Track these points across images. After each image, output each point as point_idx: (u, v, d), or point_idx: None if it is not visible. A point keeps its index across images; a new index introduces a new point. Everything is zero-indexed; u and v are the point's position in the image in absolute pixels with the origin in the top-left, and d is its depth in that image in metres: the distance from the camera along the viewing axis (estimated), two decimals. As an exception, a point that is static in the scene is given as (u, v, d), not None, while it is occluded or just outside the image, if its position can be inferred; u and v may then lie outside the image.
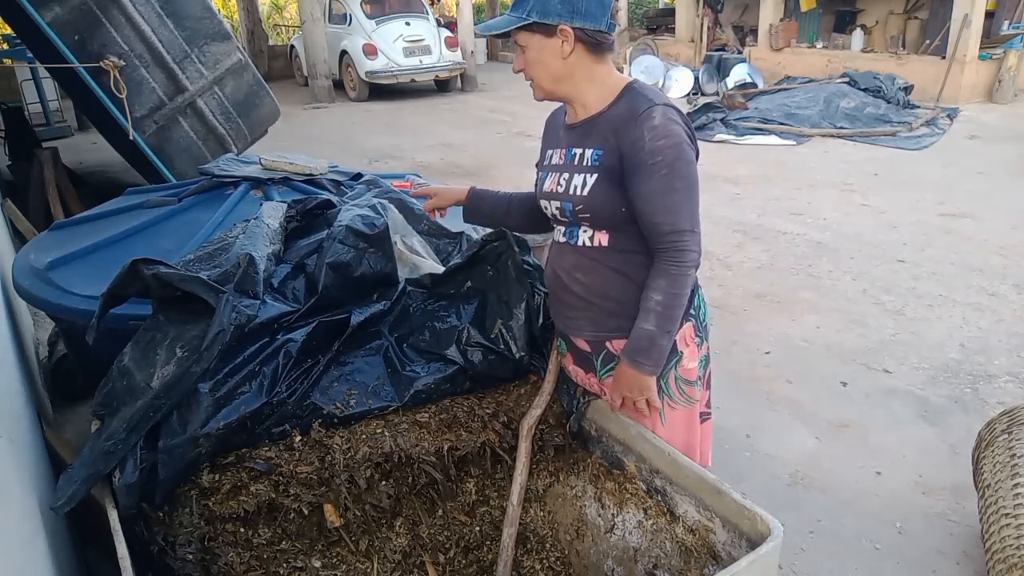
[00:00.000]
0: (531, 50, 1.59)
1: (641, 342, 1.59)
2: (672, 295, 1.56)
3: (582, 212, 1.62)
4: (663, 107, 1.53)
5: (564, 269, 1.72)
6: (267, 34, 17.05)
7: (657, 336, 1.58)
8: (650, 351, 1.59)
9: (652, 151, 1.50)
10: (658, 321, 1.57)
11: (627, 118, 1.55)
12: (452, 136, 9.29)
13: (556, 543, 1.91)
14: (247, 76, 5.03)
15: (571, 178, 1.63)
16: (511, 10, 1.60)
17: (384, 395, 1.78)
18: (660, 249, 1.56)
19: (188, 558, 1.49)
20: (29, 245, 2.73)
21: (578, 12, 1.53)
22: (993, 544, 2.09)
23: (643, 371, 1.61)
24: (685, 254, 1.55)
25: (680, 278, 1.56)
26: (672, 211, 1.53)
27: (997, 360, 3.61)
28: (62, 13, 4.05)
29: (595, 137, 1.61)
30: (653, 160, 1.51)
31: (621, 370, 1.66)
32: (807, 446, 3.00)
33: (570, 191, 1.63)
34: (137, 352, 1.63)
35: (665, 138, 1.51)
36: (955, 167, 7.16)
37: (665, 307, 1.56)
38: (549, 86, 1.63)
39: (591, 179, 1.59)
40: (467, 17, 13.45)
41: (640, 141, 1.52)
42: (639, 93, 1.59)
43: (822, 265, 4.86)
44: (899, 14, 11.91)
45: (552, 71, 1.59)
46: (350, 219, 1.94)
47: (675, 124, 1.53)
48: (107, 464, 1.48)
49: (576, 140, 1.66)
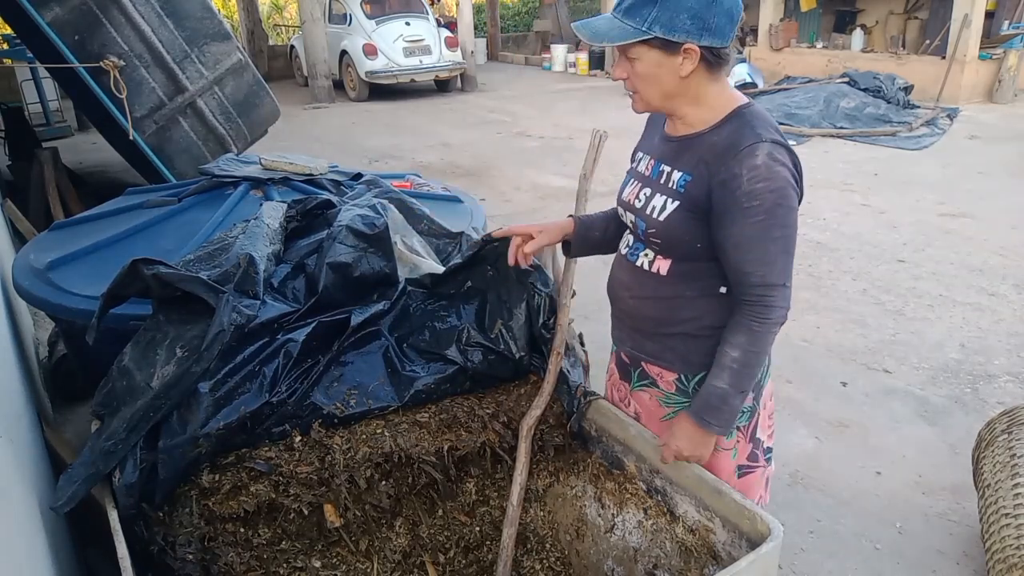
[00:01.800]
0: (644, 64, 1.40)
1: (711, 399, 1.47)
2: (752, 353, 1.43)
3: (653, 236, 1.51)
4: (771, 144, 1.38)
5: (618, 280, 1.67)
6: (267, 34, 17.05)
7: (730, 396, 1.46)
8: (720, 410, 1.47)
9: (750, 193, 1.36)
10: (732, 379, 1.44)
11: (727, 149, 1.39)
12: (452, 136, 9.29)
13: (556, 543, 1.91)
14: (247, 76, 5.02)
15: (652, 196, 1.51)
16: (623, 15, 1.38)
17: (384, 395, 1.78)
18: (744, 301, 1.43)
19: (188, 558, 1.49)
20: (29, 245, 2.73)
21: (708, 29, 1.35)
22: (993, 544, 2.09)
23: (709, 430, 1.49)
24: (772, 311, 1.41)
25: (763, 336, 1.43)
26: (765, 262, 1.39)
27: (997, 360, 3.61)
28: (62, 13, 4.05)
29: (688, 160, 1.46)
30: (749, 204, 1.36)
31: (682, 425, 1.52)
32: (807, 446, 3.00)
33: (647, 210, 1.51)
34: (137, 352, 1.63)
35: (767, 180, 1.35)
36: (955, 167, 7.16)
37: (742, 365, 1.43)
38: (658, 102, 1.46)
39: (671, 205, 1.46)
40: (467, 17, 13.45)
41: (737, 180, 1.36)
42: (747, 122, 1.42)
43: (822, 265, 4.86)
44: (899, 14, 11.92)
45: (665, 89, 1.43)
46: (350, 219, 1.94)
47: (781, 166, 1.38)
48: (107, 464, 1.48)
49: (669, 155, 1.52)
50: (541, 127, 9.71)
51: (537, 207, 6.29)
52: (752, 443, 1.66)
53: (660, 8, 1.34)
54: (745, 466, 1.67)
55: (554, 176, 7.26)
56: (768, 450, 1.72)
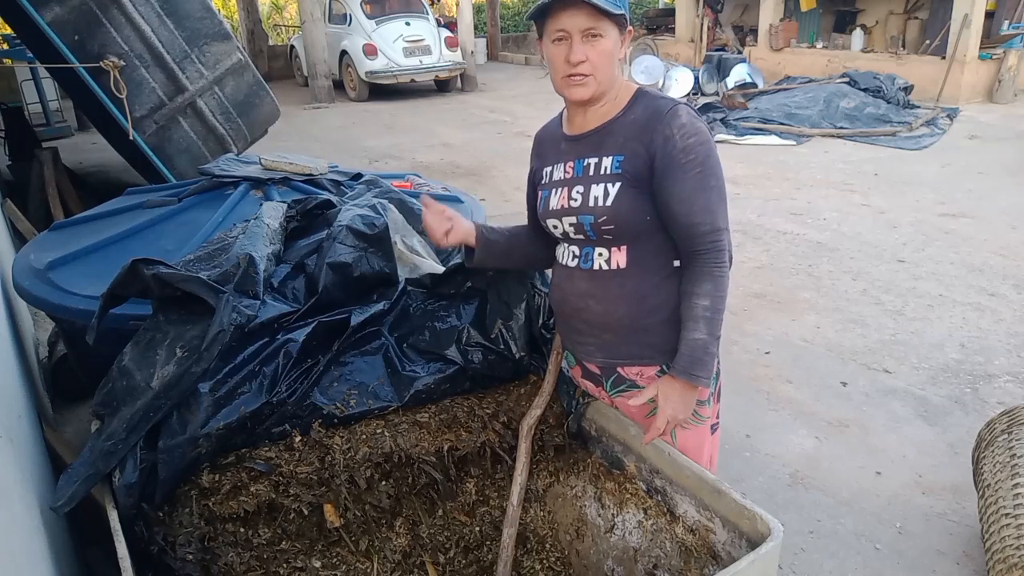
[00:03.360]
0: (609, 42, 1.47)
1: (696, 352, 1.50)
2: (718, 298, 1.50)
3: (606, 224, 1.53)
4: (684, 105, 1.50)
5: (576, 295, 1.64)
6: (267, 34, 17.05)
7: (709, 343, 1.50)
8: (704, 361, 1.50)
9: (685, 149, 1.46)
10: (708, 327, 1.49)
11: (651, 119, 1.49)
12: (452, 136, 9.29)
13: (556, 543, 1.91)
14: (247, 76, 5.02)
15: (587, 190, 1.54)
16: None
17: (384, 395, 1.78)
18: (699, 252, 1.50)
19: (188, 558, 1.49)
20: (29, 245, 2.73)
21: (627, 8, 1.49)
22: (993, 544, 2.09)
23: (700, 384, 1.52)
24: (723, 253, 1.50)
25: (722, 279, 1.50)
26: (709, 210, 1.48)
27: (997, 360, 3.61)
28: (62, 13, 4.05)
29: (612, 144, 1.53)
30: (687, 159, 1.46)
31: (672, 388, 1.53)
32: (807, 446, 3.00)
33: (589, 203, 1.53)
34: (137, 352, 1.63)
35: (695, 135, 1.46)
36: (955, 167, 7.16)
37: (714, 311, 1.49)
38: (606, 85, 1.52)
39: (613, 188, 1.51)
40: (467, 17, 13.45)
41: (672, 140, 1.46)
42: (653, 96, 1.55)
43: (822, 265, 4.86)
44: (899, 14, 11.91)
45: (613, 69, 1.51)
46: (350, 219, 1.94)
47: (699, 122, 1.50)
48: (107, 464, 1.48)
49: (587, 150, 1.57)
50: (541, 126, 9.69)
51: (537, 207, 6.27)
52: (719, 402, 1.74)
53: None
54: (715, 423, 1.74)
55: (554, 176, 7.24)
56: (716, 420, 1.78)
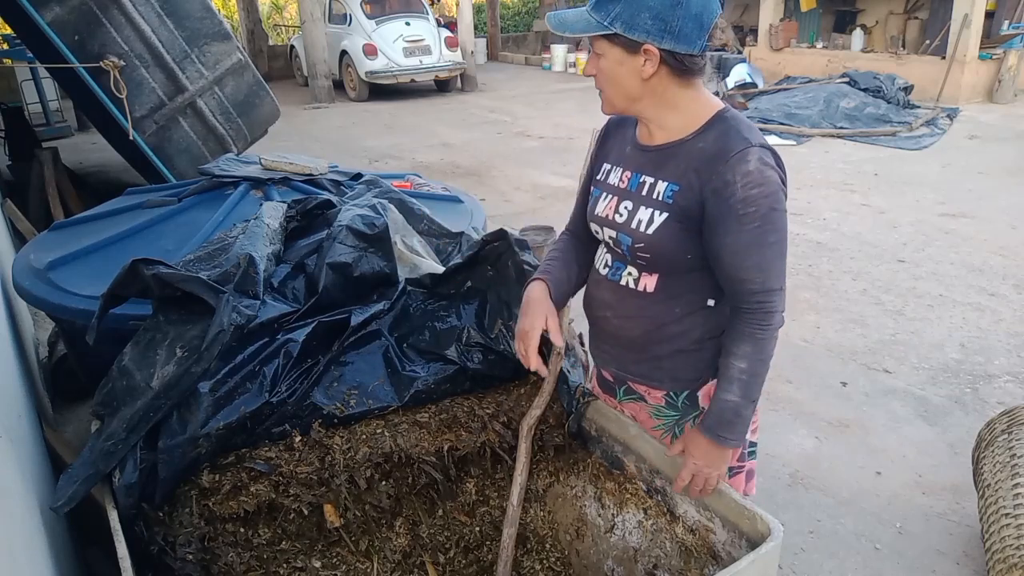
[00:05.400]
0: (607, 61, 1.39)
1: (725, 415, 1.42)
2: (758, 362, 1.41)
3: (642, 251, 1.45)
4: (759, 148, 1.35)
5: (598, 302, 1.62)
6: (267, 34, 17.05)
7: (742, 406, 1.42)
8: (735, 424, 1.43)
9: (745, 200, 1.33)
10: (743, 391, 1.41)
11: (716, 156, 1.36)
12: (452, 136, 9.29)
13: (556, 543, 1.91)
14: (247, 76, 5.02)
15: (635, 209, 1.46)
16: (592, 8, 1.37)
17: (384, 395, 1.78)
18: (744, 310, 1.40)
19: (188, 558, 1.49)
20: (29, 245, 2.73)
21: (670, 32, 1.32)
22: (993, 544, 2.09)
23: (726, 446, 1.44)
24: (773, 316, 1.40)
25: (765, 342, 1.40)
26: (763, 268, 1.37)
27: (997, 360, 3.61)
28: (62, 13, 4.05)
29: (672, 169, 1.42)
30: (745, 211, 1.33)
31: (697, 443, 1.46)
32: (807, 446, 3.01)
33: (632, 224, 1.45)
34: (137, 352, 1.63)
35: (760, 186, 1.33)
36: (955, 167, 7.16)
37: (751, 375, 1.41)
38: (622, 104, 1.43)
39: (659, 217, 1.42)
40: (467, 17, 13.45)
41: (731, 187, 1.33)
42: (732, 127, 1.39)
43: (822, 265, 4.87)
44: (899, 14, 11.91)
45: (627, 90, 1.40)
46: (350, 219, 1.94)
47: (771, 170, 1.36)
48: (107, 464, 1.48)
49: (648, 166, 1.47)
50: (541, 127, 9.71)
51: (537, 207, 6.28)
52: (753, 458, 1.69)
53: (624, 5, 1.32)
54: (735, 466, 1.68)
55: (554, 176, 7.26)
56: (752, 445, 1.73)
